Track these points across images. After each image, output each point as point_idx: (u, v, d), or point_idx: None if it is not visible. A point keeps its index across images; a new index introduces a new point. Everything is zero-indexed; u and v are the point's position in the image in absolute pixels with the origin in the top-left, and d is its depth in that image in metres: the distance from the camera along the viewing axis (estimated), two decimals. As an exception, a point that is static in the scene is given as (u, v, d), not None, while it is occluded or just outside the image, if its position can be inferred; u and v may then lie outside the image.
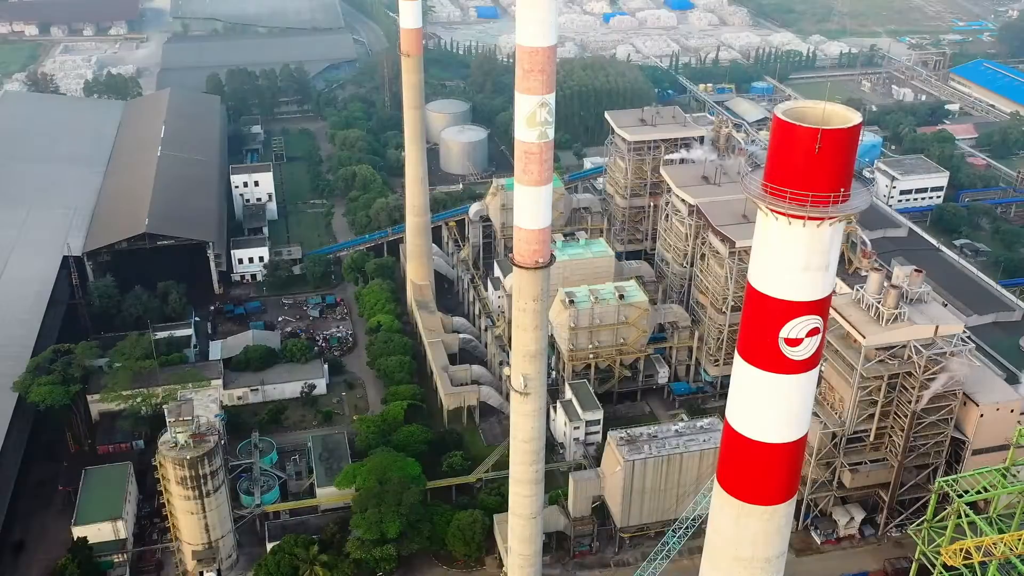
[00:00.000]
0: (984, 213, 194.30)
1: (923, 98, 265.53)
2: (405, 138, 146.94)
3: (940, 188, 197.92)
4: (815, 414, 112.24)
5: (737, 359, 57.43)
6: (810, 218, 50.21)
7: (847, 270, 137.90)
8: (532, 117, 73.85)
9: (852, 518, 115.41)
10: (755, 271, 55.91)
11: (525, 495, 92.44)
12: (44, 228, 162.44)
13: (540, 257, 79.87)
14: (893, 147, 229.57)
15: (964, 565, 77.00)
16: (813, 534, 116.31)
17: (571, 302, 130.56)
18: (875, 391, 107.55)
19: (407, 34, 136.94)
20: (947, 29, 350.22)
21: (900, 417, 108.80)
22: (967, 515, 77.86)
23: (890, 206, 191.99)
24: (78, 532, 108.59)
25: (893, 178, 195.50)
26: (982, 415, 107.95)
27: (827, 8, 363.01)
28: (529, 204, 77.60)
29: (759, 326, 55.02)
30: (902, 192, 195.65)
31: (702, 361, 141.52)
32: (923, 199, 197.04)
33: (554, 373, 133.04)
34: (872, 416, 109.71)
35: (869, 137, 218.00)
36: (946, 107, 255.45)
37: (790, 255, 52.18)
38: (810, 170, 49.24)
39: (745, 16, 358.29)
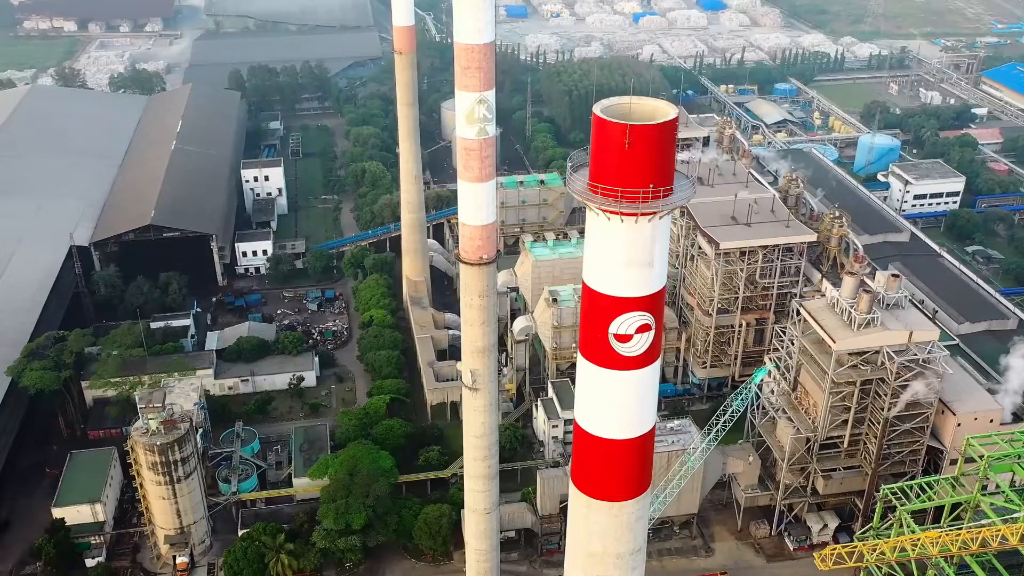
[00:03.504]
0: (1000, 219, 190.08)
1: (951, 101, 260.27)
2: (400, 135, 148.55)
3: (956, 193, 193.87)
4: (788, 418, 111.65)
5: (578, 355, 57.60)
6: (622, 213, 50.19)
7: (839, 274, 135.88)
8: (471, 114, 74.35)
9: (825, 525, 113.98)
10: (586, 267, 56.79)
11: (479, 490, 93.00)
12: (55, 219, 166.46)
13: (484, 253, 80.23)
14: (915, 151, 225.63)
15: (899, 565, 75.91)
16: (786, 540, 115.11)
17: (554, 300, 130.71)
18: (848, 397, 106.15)
19: (399, 32, 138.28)
20: (986, 32, 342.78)
21: (874, 424, 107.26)
22: (908, 524, 76.66)
23: (903, 210, 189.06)
24: (57, 513, 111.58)
25: (907, 182, 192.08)
26: (959, 424, 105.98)
27: (862, 9, 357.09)
28: (471, 200, 77.98)
29: (592, 322, 55.02)
30: (916, 196, 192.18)
31: (690, 363, 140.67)
32: (938, 204, 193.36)
33: (504, 369, 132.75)
34: (846, 422, 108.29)
35: (886, 140, 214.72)
36: (973, 111, 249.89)
37: (612, 251, 52.12)
38: (622, 166, 49.25)
39: (777, 17, 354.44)
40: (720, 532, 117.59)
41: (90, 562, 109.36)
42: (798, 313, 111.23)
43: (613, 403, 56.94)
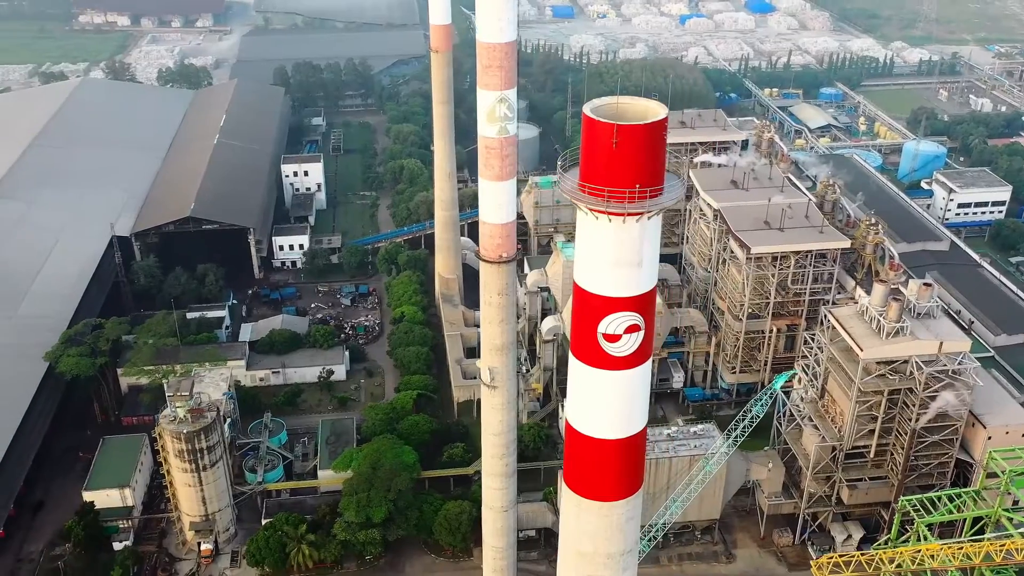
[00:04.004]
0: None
1: (1003, 109, 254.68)
2: (435, 133, 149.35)
3: (1002, 203, 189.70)
4: (814, 426, 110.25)
5: (570, 355, 57.51)
6: (610, 213, 49.97)
7: (874, 282, 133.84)
8: (492, 112, 74.72)
9: (850, 535, 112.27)
10: (576, 267, 56.85)
11: (496, 488, 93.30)
12: (98, 209, 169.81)
13: (505, 251, 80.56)
14: (962, 158, 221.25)
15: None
16: (809, 549, 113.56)
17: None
18: (875, 406, 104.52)
19: (436, 30, 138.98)
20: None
21: (901, 434, 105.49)
22: (925, 536, 75.37)
23: (946, 219, 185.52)
24: (88, 497, 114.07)
25: (951, 190, 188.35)
26: (990, 437, 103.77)
27: (914, 14, 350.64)
28: (491, 199, 78.35)
29: (582, 322, 54.93)
30: (960, 205, 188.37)
31: (719, 367, 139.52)
32: (983, 213, 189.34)
33: (530, 368, 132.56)
34: (873, 432, 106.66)
35: (932, 147, 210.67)
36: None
37: (601, 251, 51.98)
38: (611, 166, 49.07)
39: (826, 21, 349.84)
40: (742, 539, 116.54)
41: (117, 545, 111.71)
42: (827, 320, 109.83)
43: (603, 403, 56.94)
